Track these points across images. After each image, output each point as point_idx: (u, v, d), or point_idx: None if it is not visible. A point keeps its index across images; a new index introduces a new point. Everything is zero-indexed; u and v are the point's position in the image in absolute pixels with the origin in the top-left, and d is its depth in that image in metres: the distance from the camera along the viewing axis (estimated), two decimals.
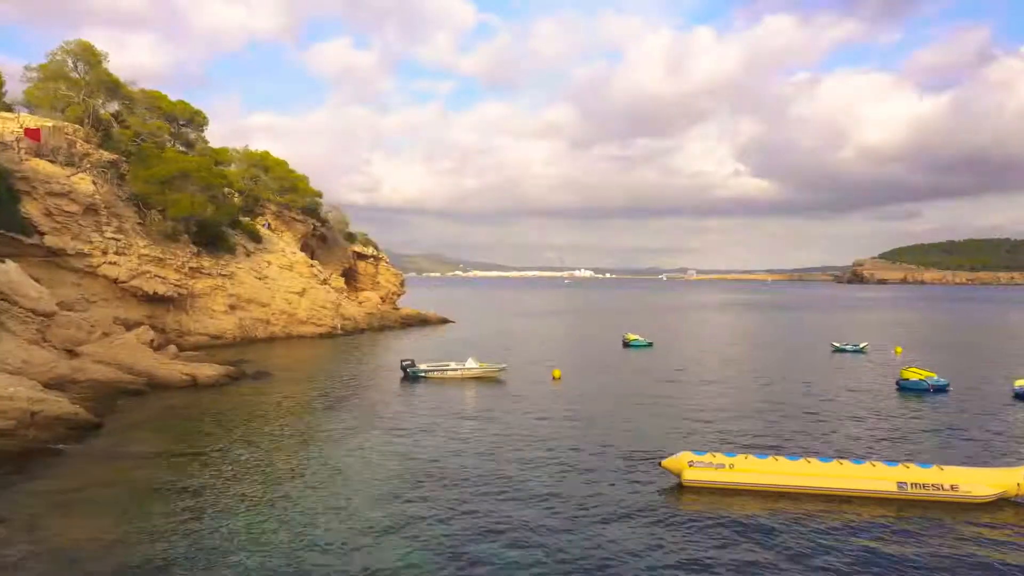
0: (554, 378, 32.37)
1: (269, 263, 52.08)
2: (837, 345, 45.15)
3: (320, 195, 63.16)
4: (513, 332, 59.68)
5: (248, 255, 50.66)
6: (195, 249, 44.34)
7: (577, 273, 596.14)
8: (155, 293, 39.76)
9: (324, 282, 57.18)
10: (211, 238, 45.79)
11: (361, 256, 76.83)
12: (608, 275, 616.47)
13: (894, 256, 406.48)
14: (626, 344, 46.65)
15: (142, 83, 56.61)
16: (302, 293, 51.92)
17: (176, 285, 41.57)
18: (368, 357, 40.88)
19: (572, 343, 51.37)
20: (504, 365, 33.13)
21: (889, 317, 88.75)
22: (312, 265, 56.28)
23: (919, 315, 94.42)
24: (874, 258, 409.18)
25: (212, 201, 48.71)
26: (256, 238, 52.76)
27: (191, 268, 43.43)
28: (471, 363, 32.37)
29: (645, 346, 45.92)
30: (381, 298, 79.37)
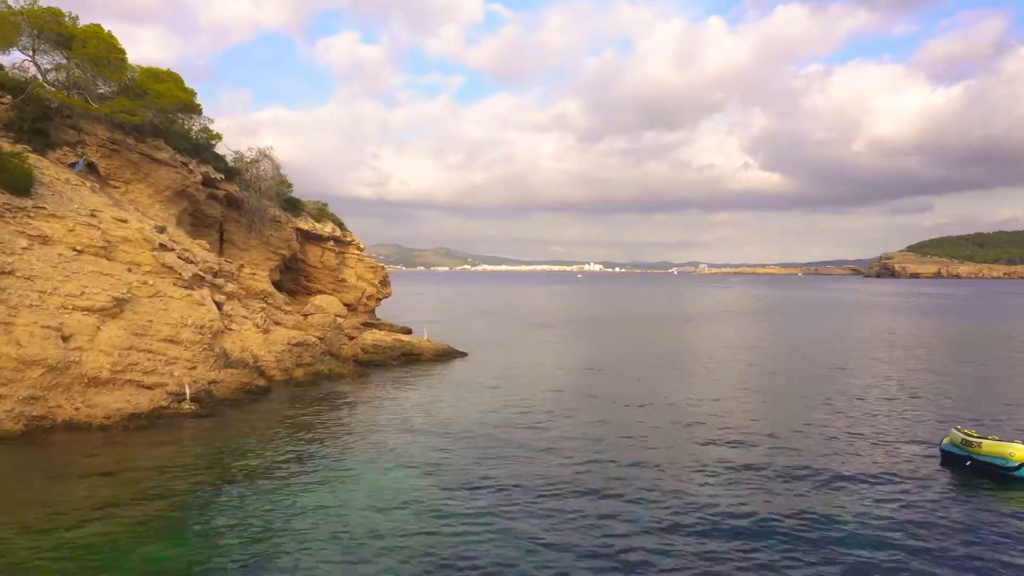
0: None
1: (37, 240, 21.62)
2: None
3: (199, 109, 32.23)
4: (598, 387, 29.03)
5: None
6: None
7: (587, 267, 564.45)
8: None
9: (197, 281, 26.76)
10: None
11: (312, 237, 46.19)
12: (618, 269, 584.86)
13: (922, 249, 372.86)
14: (965, 460, 15.78)
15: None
16: (112, 311, 21.40)
17: None
18: None
19: (781, 427, 20.38)
20: None
21: None
22: (164, 246, 25.69)
23: None
24: (902, 251, 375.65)
25: None
26: (19, 183, 22.27)
27: None
28: None
29: None
30: (349, 305, 48.60)
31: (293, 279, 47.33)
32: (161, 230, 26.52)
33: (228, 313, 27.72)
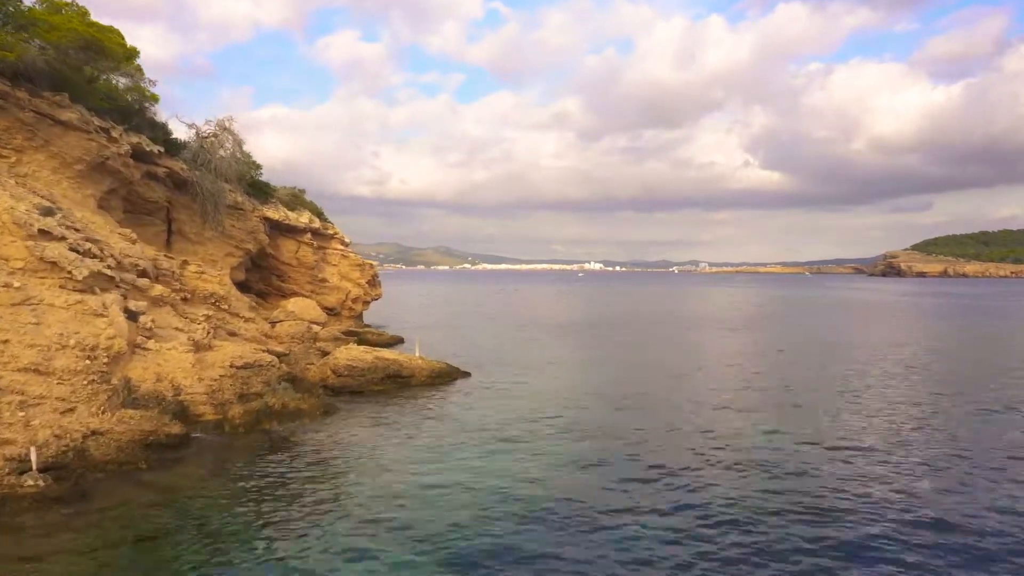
0: None
1: None
2: None
3: (122, 55, 24.93)
4: (643, 430, 21.60)
5: None
6: None
7: (587, 266, 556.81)
8: None
9: (102, 283, 19.28)
10: None
11: (284, 229, 38.85)
12: (618, 268, 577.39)
13: (927, 247, 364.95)
14: None
15: (149, 75, 21.58)
16: None
17: None
18: None
19: None
20: None
21: None
22: (48, 233, 18.13)
23: None
24: (907, 250, 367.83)
25: None
26: None
27: None
28: None
29: None
30: (331, 308, 41.31)
31: (263, 278, 39.96)
32: (48, 212, 18.99)
33: (147, 326, 20.23)
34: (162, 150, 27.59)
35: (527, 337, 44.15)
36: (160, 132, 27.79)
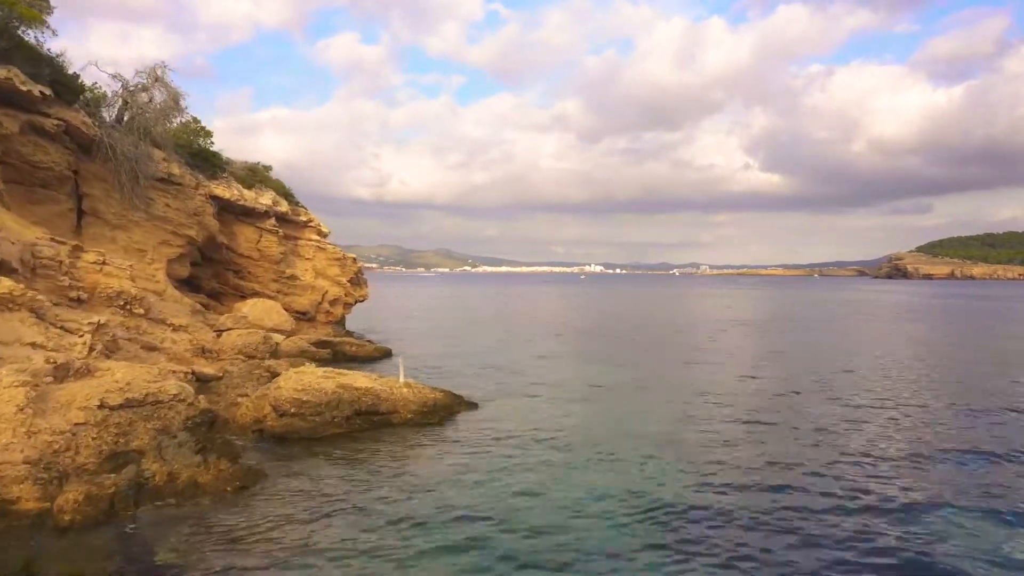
0: None
1: None
2: None
3: None
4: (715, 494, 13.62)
5: None
6: None
7: (588, 268, 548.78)
8: None
9: None
10: None
11: (239, 212, 30.90)
12: (619, 270, 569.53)
13: (932, 249, 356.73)
14: None
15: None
16: None
17: None
18: None
19: None
20: None
21: None
22: None
23: None
24: (912, 251, 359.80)
25: None
26: None
27: None
28: None
29: None
30: (303, 312, 33.45)
31: (217, 275, 32.00)
32: None
33: None
34: (48, 92, 19.65)
35: (544, 350, 36.14)
36: (46, 68, 19.83)
